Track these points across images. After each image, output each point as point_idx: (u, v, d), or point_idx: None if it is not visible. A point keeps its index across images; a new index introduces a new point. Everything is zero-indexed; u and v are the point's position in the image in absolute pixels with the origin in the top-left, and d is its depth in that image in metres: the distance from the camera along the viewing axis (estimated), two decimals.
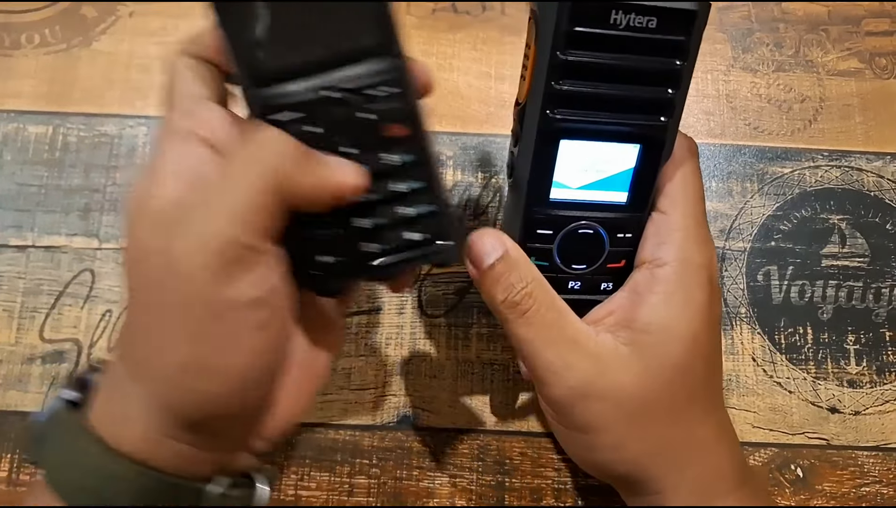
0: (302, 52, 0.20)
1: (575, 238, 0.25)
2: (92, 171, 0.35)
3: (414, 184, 0.21)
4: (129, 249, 0.21)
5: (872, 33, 0.39)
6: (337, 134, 0.20)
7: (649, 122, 0.23)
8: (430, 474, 0.32)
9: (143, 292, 0.20)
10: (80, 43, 0.37)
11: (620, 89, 0.23)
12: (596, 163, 0.24)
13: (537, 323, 0.24)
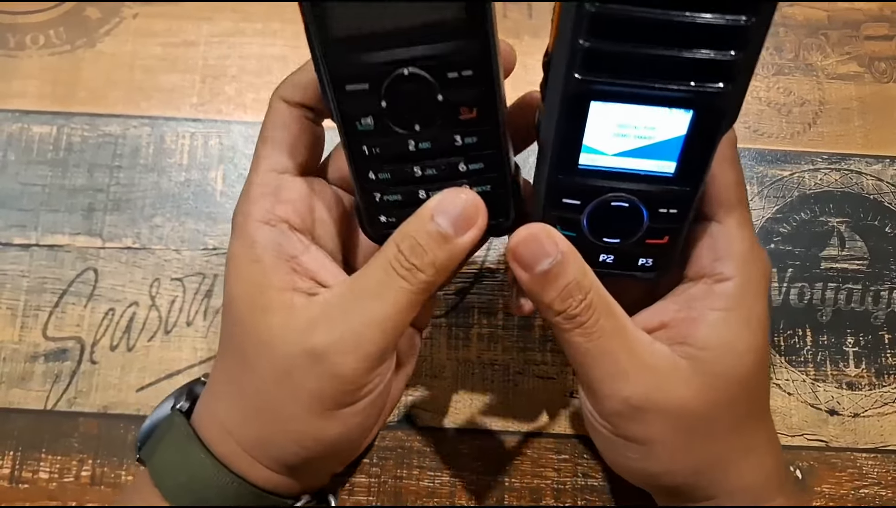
0: (384, 21, 0.19)
1: (607, 211, 0.22)
2: (95, 170, 0.36)
3: (480, 165, 0.21)
4: (258, 327, 0.23)
5: (872, 37, 0.39)
6: (411, 111, 0.20)
7: (703, 88, 0.18)
8: (431, 473, 0.32)
9: (268, 367, 0.23)
10: (84, 44, 0.38)
11: (667, 48, 0.18)
12: (637, 128, 0.20)
13: (594, 332, 0.22)
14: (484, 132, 0.21)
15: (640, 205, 0.21)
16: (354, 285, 0.22)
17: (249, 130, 0.37)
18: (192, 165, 0.36)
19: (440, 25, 0.19)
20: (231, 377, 0.24)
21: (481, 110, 0.20)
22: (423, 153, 0.21)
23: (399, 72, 0.20)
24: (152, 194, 0.35)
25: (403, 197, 0.22)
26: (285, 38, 0.38)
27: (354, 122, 0.21)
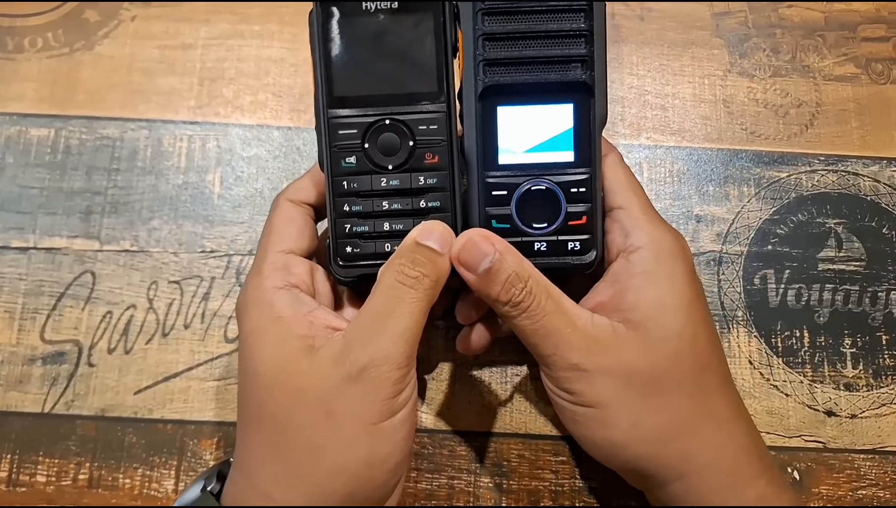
0: (372, 87, 0.26)
1: (531, 196, 0.27)
2: (93, 173, 0.36)
3: (437, 203, 0.26)
4: (291, 378, 0.24)
5: (868, 39, 0.39)
6: (387, 153, 0.26)
7: (570, 77, 0.26)
8: (429, 476, 0.32)
9: (308, 411, 0.24)
10: (82, 47, 0.38)
11: (536, 48, 0.26)
12: (535, 127, 0.27)
13: (538, 313, 0.25)
14: (442, 176, 0.26)
15: (555, 188, 0.27)
16: (369, 310, 0.25)
17: (247, 132, 0.37)
18: (190, 168, 0.36)
19: (418, 95, 0.26)
20: (266, 444, 0.25)
21: (442, 158, 0.26)
22: (392, 190, 0.26)
23: (382, 121, 0.26)
24: (150, 196, 0.36)
25: (370, 228, 0.27)
26: (283, 40, 0.38)
27: (340, 160, 0.26)
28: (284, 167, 0.36)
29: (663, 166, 0.37)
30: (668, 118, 0.38)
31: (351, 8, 0.26)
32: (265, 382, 0.25)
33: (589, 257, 0.27)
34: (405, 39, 0.26)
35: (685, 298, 0.26)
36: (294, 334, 0.25)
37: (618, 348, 0.25)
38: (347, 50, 0.26)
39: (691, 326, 0.26)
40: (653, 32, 0.39)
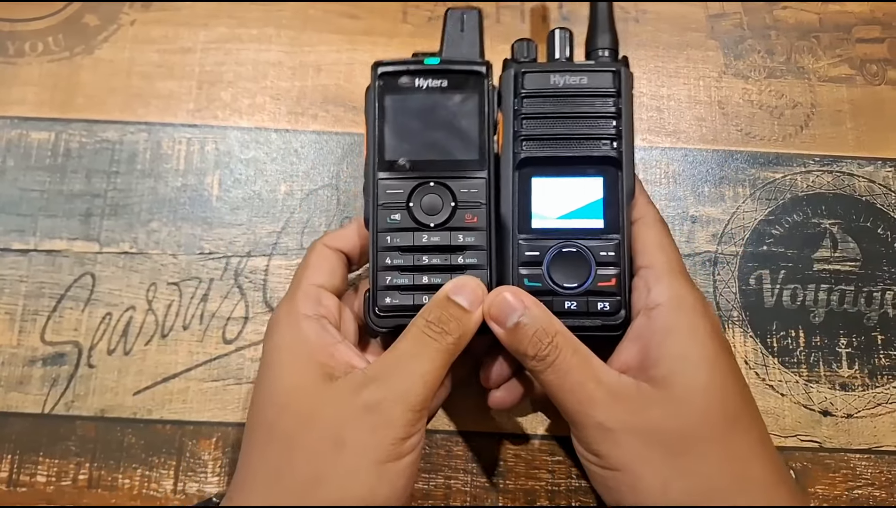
0: (420, 154, 0.29)
1: (562, 257, 0.28)
2: (93, 176, 0.36)
3: (474, 260, 0.28)
4: (307, 400, 0.25)
5: (863, 40, 0.39)
6: (430, 212, 0.29)
7: (601, 152, 0.29)
8: (426, 476, 0.32)
9: (319, 437, 0.24)
10: (82, 51, 0.38)
11: (569, 127, 0.29)
12: (568, 196, 0.29)
13: (564, 369, 0.25)
14: (480, 235, 0.28)
15: (585, 251, 0.28)
16: (393, 352, 0.26)
17: (245, 135, 0.37)
18: (189, 171, 0.36)
19: (462, 162, 0.29)
20: (270, 468, 0.25)
21: (480, 219, 0.28)
22: (433, 247, 0.28)
23: (427, 182, 0.29)
24: (149, 199, 0.36)
25: (409, 281, 0.28)
26: (280, 43, 0.38)
27: (386, 216, 0.28)
28: (282, 170, 0.37)
29: (659, 168, 0.37)
30: (663, 119, 0.38)
31: (405, 85, 0.29)
32: (280, 399, 0.26)
33: (618, 318, 0.28)
34: (452, 114, 0.29)
35: (709, 352, 0.25)
36: (315, 359, 0.26)
37: (642, 405, 0.25)
38: (399, 120, 0.29)
39: (718, 380, 0.25)
40: (648, 34, 0.39)
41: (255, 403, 0.27)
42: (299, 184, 0.36)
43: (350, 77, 0.38)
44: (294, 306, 0.27)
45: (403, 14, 0.39)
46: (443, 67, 0.29)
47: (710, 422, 0.25)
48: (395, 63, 0.29)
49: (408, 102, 0.29)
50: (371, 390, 0.25)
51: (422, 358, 0.25)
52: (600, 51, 0.31)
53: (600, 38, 0.31)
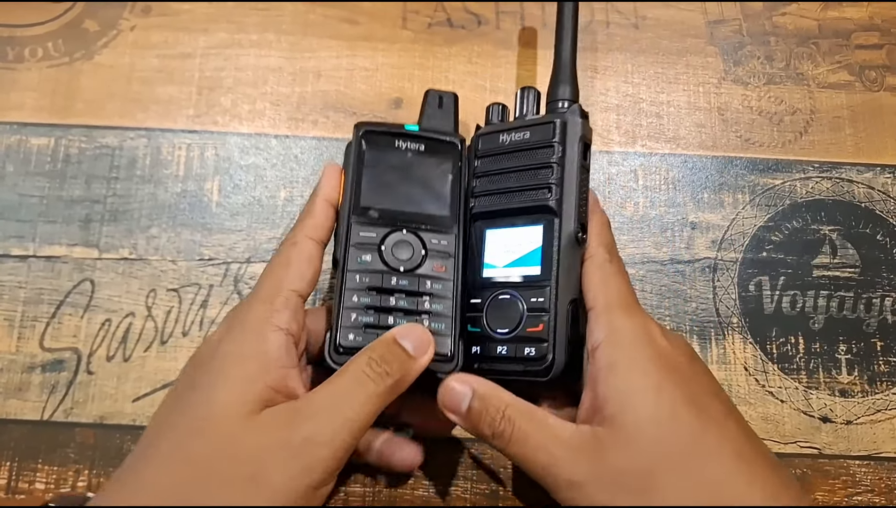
0: (394, 204, 0.30)
1: (497, 304, 0.30)
2: (93, 182, 0.36)
3: (439, 306, 0.29)
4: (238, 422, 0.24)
5: (862, 46, 0.40)
6: (400, 258, 0.29)
7: (539, 202, 0.30)
8: (425, 482, 0.32)
9: (233, 463, 0.24)
10: (82, 56, 0.38)
11: (512, 182, 0.30)
12: (514, 245, 0.30)
13: (521, 439, 0.26)
14: (447, 284, 0.30)
15: (517, 297, 0.29)
16: (327, 389, 0.26)
17: (245, 141, 0.37)
18: (189, 176, 0.36)
19: (434, 217, 0.30)
20: (178, 488, 0.24)
21: (448, 269, 0.30)
22: (401, 289, 0.29)
23: (400, 229, 0.30)
24: (149, 204, 0.36)
25: (374, 320, 0.29)
26: (280, 49, 0.38)
27: (357, 257, 0.29)
28: (282, 176, 0.37)
29: (658, 174, 0.37)
30: (662, 126, 0.38)
31: (385, 145, 0.31)
32: (207, 419, 0.24)
33: (543, 363, 0.28)
34: (427, 174, 0.31)
35: (651, 380, 0.25)
36: (264, 381, 0.25)
37: (601, 451, 0.24)
38: (377, 172, 0.30)
39: (665, 407, 0.24)
40: (647, 41, 0.39)
41: (176, 409, 0.25)
42: (299, 190, 0.36)
43: (350, 83, 0.38)
44: (269, 313, 0.26)
45: (403, 20, 0.39)
46: (421, 134, 0.31)
47: (666, 452, 0.24)
48: (377, 125, 0.31)
49: (387, 158, 0.31)
50: (300, 429, 0.24)
51: (354, 402, 0.25)
52: (559, 102, 0.31)
53: (559, 90, 0.32)
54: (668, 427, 0.24)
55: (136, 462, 0.25)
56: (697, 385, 0.26)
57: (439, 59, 0.38)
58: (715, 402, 0.26)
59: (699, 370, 0.27)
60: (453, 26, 0.39)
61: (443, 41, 0.39)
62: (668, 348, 0.26)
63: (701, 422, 0.25)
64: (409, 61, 0.38)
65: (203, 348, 0.27)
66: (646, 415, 0.24)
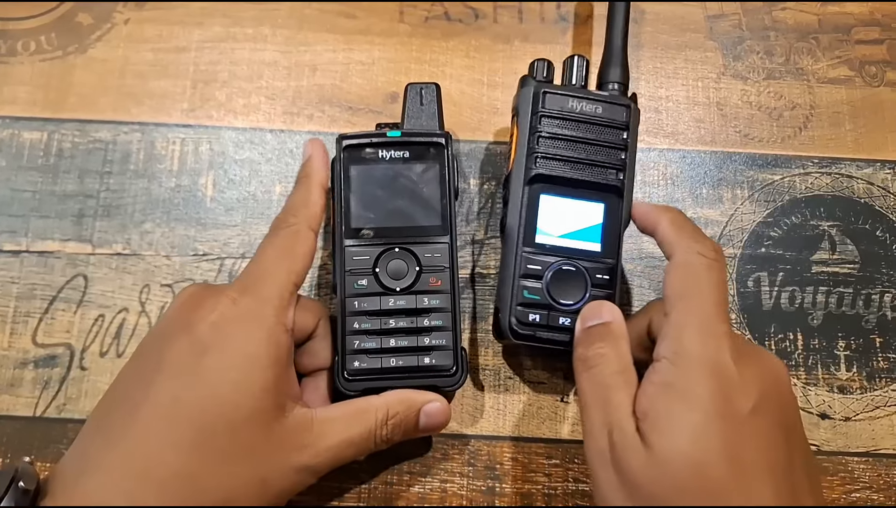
0: (384, 221, 0.30)
1: (561, 274, 0.30)
2: (86, 176, 0.36)
3: (439, 322, 0.29)
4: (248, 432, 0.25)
5: (862, 41, 0.39)
6: (395, 277, 0.30)
7: (608, 180, 0.30)
8: (421, 479, 0.32)
9: (246, 469, 0.25)
10: (75, 50, 0.38)
11: (582, 152, 0.31)
12: (571, 217, 0.31)
13: (594, 381, 0.26)
14: (444, 298, 0.30)
15: (583, 270, 0.30)
16: (339, 435, 0.27)
17: (240, 135, 0.37)
18: (183, 171, 0.36)
19: (425, 229, 0.30)
20: (182, 483, 0.24)
21: (444, 282, 0.30)
22: (399, 310, 0.29)
23: (392, 248, 0.30)
24: (142, 199, 0.35)
25: (377, 345, 0.29)
26: (276, 43, 0.38)
27: (353, 282, 0.29)
28: (277, 170, 0.36)
29: (657, 169, 0.37)
30: (661, 121, 0.38)
31: (370, 156, 0.31)
32: (232, 414, 0.25)
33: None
34: (414, 182, 0.31)
35: (696, 419, 0.23)
36: (277, 387, 0.26)
37: (628, 452, 0.24)
38: (364, 189, 0.30)
39: (700, 452, 0.23)
40: (646, 35, 0.39)
41: (173, 394, 0.25)
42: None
43: (346, 77, 0.38)
44: (278, 311, 0.26)
45: (400, 13, 0.39)
46: (404, 139, 0.31)
47: (684, 495, 0.23)
48: (358, 136, 0.31)
49: (372, 173, 0.31)
50: (313, 453, 0.26)
51: (358, 449, 0.27)
52: (611, 84, 0.32)
53: (612, 72, 0.33)
54: (694, 473, 0.23)
55: (117, 438, 0.24)
56: (750, 434, 0.24)
57: (436, 53, 0.38)
58: (765, 456, 0.24)
59: (764, 415, 0.24)
60: (451, 20, 0.39)
61: (440, 35, 0.38)
62: (734, 383, 0.24)
63: (734, 471, 0.23)
64: (406, 55, 0.38)
65: (204, 330, 0.26)
66: (675, 449, 0.23)
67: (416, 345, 0.29)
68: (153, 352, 0.26)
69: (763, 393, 0.24)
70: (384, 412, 0.27)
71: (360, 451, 0.28)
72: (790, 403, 0.26)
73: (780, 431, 0.24)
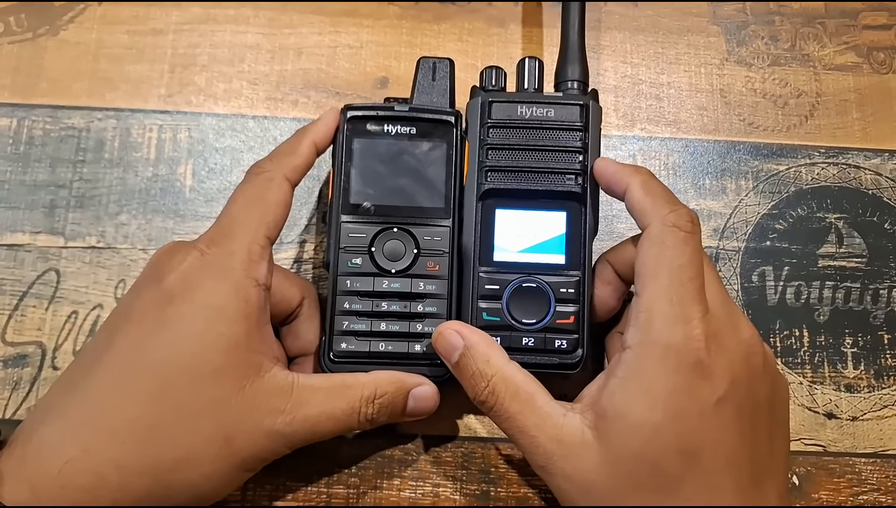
0: (384, 199, 0.29)
1: (521, 293, 0.28)
2: (58, 165, 0.34)
3: (434, 308, 0.29)
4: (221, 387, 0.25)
5: (870, 27, 0.38)
6: (388, 257, 0.29)
7: (566, 187, 0.29)
8: (412, 483, 0.31)
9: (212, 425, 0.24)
10: (46, 32, 0.36)
11: (535, 159, 0.29)
12: (530, 230, 0.29)
13: (503, 415, 0.26)
14: (441, 284, 0.29)
15: (545, 287, 0.28)
16: (321, 409, 0.26)
17: (220, 122, 0.35)
18: (160, 160, 0.35)
19: (427, 210, 0.29)
20: (148, 436, 0.24)
21: (442, 267, 0.29)
22: (393, 293, 0.28)
23: (390, 228, 0.29)
24: (118, 190, 0.34)
25: (367, 327, 0.28)
26: (258, 25, 0.37)
27: (347, 260, 0.29)
28: (259, 158, 0.35)
29: (658, 159, 0.36)
30: (662, 108, 0.37)
31: (374, 130, 0.29)
32: (198, 370, 0.24)
33: (574, 357, 0.28)
34: (419, 161, 0.29)
35: (653, 418, 0.23)
36: (249, 345, 0.25)
37: (579, 454, 0.24)
38: (366, 164, 0.29)
39: (656, 451, 0.23)
40: (647, 19, 0.38)
41: (139, 346, 0.25)
42: None
43: (333, 61, 0.36)
44: (248, 264, 0.26)
45: None
46: (412, 115, 0.30)
47: (640, 491, 0.24)
48: (364, 108, 0.30)
49: (376, 148, 0.29)
50: (279, 425, 0.25)
51: (337, 426, 0.26)
52: (570, 82, 0.31)
53: (570, 69, 0.31)
54: (648, 471, 0.23)
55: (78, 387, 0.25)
56: (712, 428, 0.24)
57: (428, 36, 0.37)
58: (726, 449, 0.24)
59: (731, 403, 0.24)
60: (443, 2, 0.38)
61: (432, 18, 0.37)
62: (702, 374, 0.24)
63: (689, 474, 0.23)
64: (396, 39, 0.37)
65: (172, 280, 0.25)
66: (630, 448, 0.24)
67: (407, 331, 0.28)
68: (123, 304, 0.27)
69: (733, 380, 0.24)
70: (371, 389, 0.26)
71: (340, 427, 0.26)
72: (764, 382, 0.25)
73: (748, 416, 0.24)
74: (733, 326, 0.25)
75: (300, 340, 0.30)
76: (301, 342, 0.30)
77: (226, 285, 0.25)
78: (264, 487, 0.30)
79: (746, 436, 0.24)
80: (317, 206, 0.34)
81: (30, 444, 0.24)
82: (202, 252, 0.26)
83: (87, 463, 0.23)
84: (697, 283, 0.25)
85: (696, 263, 0.25)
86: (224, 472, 0.25)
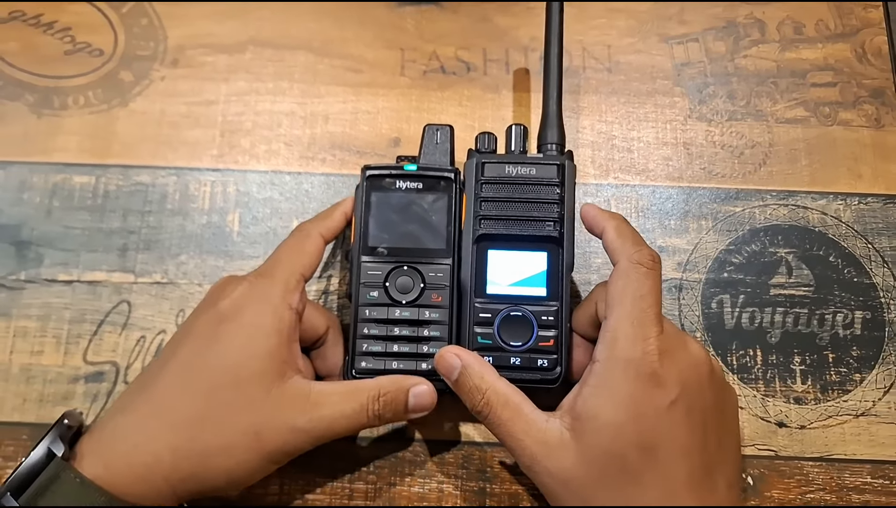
0: (396, 242, 0.34)
1: (510, 320, 0.33)
2: (129, 215, 0.39)
3: (437, 332, 0.33)
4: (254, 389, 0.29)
5: (817, 85, 0.42)
6: (402, 291, 0.33)
7: (546, 232, 0.33)
8: (421, 480, 0.34)
9: (248, 418, 0.29)
10: (118, 103, 0.41)
11: (520, 210, 0.33)
12: (517, 268, 0.33)
13: (496, 422, 0.29)
14: (444, 312, 0.33)
15: (529, 315, 0.33)
16: (335, 409, 0.29)
17: (262, 177, 0.40)
18: (213, 210, 0.39)
19: (431, 250, 0.34)
20: (182, 405, 0.28)
21: (444, 298, 0.33)
22: (403, 320, 0.33)
23: (401, 266, 0.33)
24: (178, 235, 0.39)
25: (382, 349, 0.33)
26: (293, 95, 0.42)
27: (367, 293, 0.33)
28: (295, 208, 0.40)
29: (629, 203, 0.40)
30: (633, 159, 0.41)
31: (388, 186, 0.34)
32: (244, 374, 0.29)
33: (554, 373, 0.32)
34: (425, 210, 0.34)
35: (618, 418, 0.27)
36: (281, 355, 0.29)
37: (559, 454, 0.27)
38: (381, 214, 0.34)
39: (621, 446, 0.27)
40: (619, 83, 0.42)
41: (200, 353, 0.29)
42: None
43: (354, 125, 0.41)
44: (285, 292, 0.30)
45: (402, 68, 0.42)
46: (419, 173, 0.34)
47: (610, 481, 0.27)
48: (380, 167, 0.34)
49: (389, 200, 0.34)
50: (307, 419, 0.29)
51: (348, 424, 0.30)
52: (549, 145, 0.35)
53: (549, 134, 0.35)
54: (616, 465, 0.27)
55: (147, 386, 0.29)
56: (667, 426, 0.27)
57: (433, 102, 0.41)
58: (680, 443, 0.27)
59: (682, 405, 0.27)
60: (446, 73, 0.42)
61: (437, 86, 0.42)
62: (657, 381, 0.27)
63: (647, 465, 0.27)
64: (407, 105, 0.41)
65: (225, 304, 0.30)
66: (599, 446, 0.27)
67: (416, 352, 0.33)
68: (186, 325, 0.31)
69: (684, 385, 0.28)
70: (376, 390, 0.30)
71: (352, 424, 0.30)
72: (711, 389, 0.29)
73: (697, 416, 0.28)
74: (682, 343, 0.29)
75: (327, 362, 0.34)
76: (328, 364, 0.34)
77: (266, 307, 0.30)
78: (297, 482, 0.34)
79: (696, 433, 0.28)
80: (341, 245, 0.39)
81: (105, 431, 0.28)
82: (251, 283, 0.31)
83: (148, 447, 0.27)
84: (655, 310, 0.29)
85: (655, 293, 0.29)
86: (253, 462, 0.28)
